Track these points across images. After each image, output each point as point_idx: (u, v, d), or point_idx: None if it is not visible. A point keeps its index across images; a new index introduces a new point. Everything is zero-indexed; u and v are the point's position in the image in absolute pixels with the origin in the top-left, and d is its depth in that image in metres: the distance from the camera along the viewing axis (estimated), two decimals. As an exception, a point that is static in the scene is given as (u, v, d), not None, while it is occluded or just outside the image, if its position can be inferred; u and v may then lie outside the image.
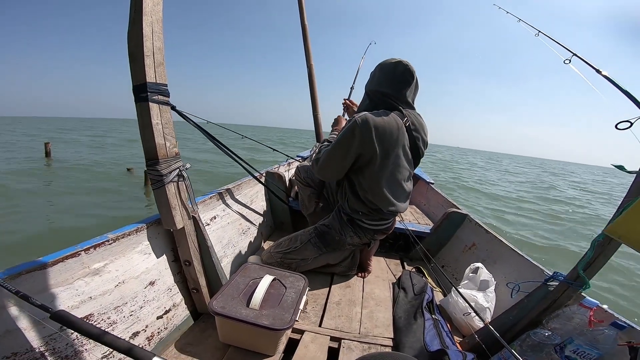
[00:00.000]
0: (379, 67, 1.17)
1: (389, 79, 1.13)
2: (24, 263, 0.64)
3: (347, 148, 1.07)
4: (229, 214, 1.38)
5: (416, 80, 1.15)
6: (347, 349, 0.96)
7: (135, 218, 0.94)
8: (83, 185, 6.11)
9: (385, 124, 1.06)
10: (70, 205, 4.75)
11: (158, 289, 0.91)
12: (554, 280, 0.86)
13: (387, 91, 1.13)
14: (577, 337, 0.77)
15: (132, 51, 0.74)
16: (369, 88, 1.20)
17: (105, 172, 7.58)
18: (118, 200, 5.27)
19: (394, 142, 1.08)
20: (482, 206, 7.49)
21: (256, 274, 1.04)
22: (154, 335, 0.87)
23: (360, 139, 1.04)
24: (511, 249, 1.29)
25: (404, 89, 1.13)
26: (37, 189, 5.62)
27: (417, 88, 1.18)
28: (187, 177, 0.89)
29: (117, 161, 9.50)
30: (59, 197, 5.24)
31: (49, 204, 4.78)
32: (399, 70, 1.12)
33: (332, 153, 1.11)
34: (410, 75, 1.12)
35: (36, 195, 5.26)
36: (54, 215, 4.30)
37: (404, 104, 1.15)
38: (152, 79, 0.76)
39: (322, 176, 1.21)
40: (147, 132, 0.78)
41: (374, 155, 1.07)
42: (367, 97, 1.21)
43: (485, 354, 0.87)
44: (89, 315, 0.71)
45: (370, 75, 1.21)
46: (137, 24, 0.72)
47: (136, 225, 0.87)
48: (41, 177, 6.73)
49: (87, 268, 0.73)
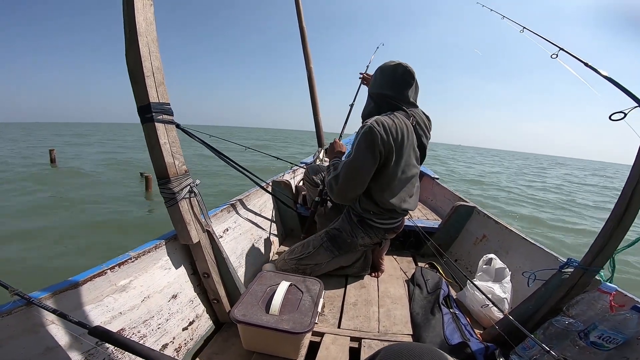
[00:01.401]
0: (379, 70, 1.20)
1: (390, 81, 1.16)
2: (55, 284, 0.67)
3: (372, 151, 1.06)
4: (240, 225, 1.41)
5: (416, 80, 1.18)
6: (367, 347, 0.97)
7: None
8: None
9: (396, 125, 1.08)
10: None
11: (181, 302, 0.94)
12: (569, 267, 0.85)
13: (389, 93, 1.17)
14: (600, 323, 0.76)
15: (133, 72, 0.75)
16: (371, 91, 1.24)
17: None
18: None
19: (405, 142, 1.11)
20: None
21: (272, 281, 1.06)
22: (181, 347, 0.90)
23: (380, 140, 1.05)
24: (522, 238, 1.28)
25: (406, 90, 1.16)
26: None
27: (418, 87, 1.21)
28: (198, 192, 0.92)
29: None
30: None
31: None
32: (399, 73, 1.15)
33: (357, 164, 1.08)
34: (410, 76, 1.15)
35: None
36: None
37: (407, 104, 1.18)
38: (155, 99, 0.78)
39: (347, 193, 1.13)
40: (155, 151, 0.80)
41: (390, 156, 1.09)
42: (371, 100, 1.24)
43: (508, 344, 0.87)
44: (120, 329, 0.74)
45: (372, 77, 1.24)
46: (133, 45, 0.73)
47: (155, 242, 0.91)
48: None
49: (114, 285, 0.77)
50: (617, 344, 0.73)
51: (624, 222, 0.76)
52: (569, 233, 5.56)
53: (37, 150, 12.63)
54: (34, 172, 7.82)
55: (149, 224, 4.52)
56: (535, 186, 12.70)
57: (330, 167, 1.24)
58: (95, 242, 3.64)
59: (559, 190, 12.18)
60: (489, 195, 8.84)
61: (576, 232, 5.64)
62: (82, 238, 3.77)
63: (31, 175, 7.46)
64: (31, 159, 10.45)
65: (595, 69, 0.86)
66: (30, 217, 4.40)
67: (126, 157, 11.68)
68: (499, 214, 6.16)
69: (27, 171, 7.97)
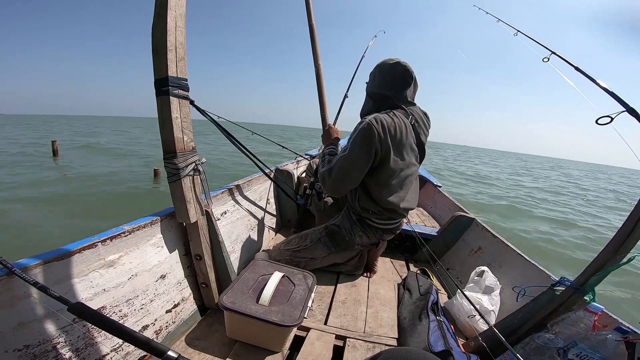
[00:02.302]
0: (377, 68, 1.18)
1: (388, 80, 1.16)
2: (43, 253, 0.64)
3: (367, 149, 1.05)
4: (238, 210, 1.39)
5: (415, 79, 1.17)
6: (352, 347, 0.97)
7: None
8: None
9: (395, 124, 1.08)
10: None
11: (168, 283, 0.92)
12: (561, 286, 0.87)
13: (388, 93, 1.16)
14: (580, 341, 0.79)
15: (156, 44, 0.75)
16: (370, 90, 1.22)
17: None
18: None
19: (404, 141, 1.11)
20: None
21: (265, 270, 1.05)
22: (162, 329, 0.87)
23: (378, 137, 1.05)
24: (518, 254, 1.30)
25: (405, 90, 1.16)
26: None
27: (417, 86, 1.20)
28: (202, 171, 0.90)
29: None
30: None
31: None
32: (398, 72, 1.14)
33: (352, 161, 1.07)
34: (409, 75, 1.14)
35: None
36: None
37: (406, 103, 1.17)
38: (174, 73, 0.77)
39: (339, 187, 1.12)
40: (166, 125, 0.79)
41: (388, 154, 1.09)
42: (370, 99, 1.23)
43: (489, 356, 0.89)
44: (101, 307, 0.72)
45: (370, 76, 1.23)
46: (162, 17, 0.73)
47: (151, 218, 0.88)
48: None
49: (103, 260, 0.74)
50: (593, 363, 0.76)
51: (623, 248, 0.77)
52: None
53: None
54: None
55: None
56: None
57: (325, 158, 1.20)
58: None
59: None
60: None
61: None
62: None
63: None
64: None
65: (585, 73, 0.88)
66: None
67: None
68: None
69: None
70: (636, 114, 0.75)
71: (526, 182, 14.23)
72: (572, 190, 13.16)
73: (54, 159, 8.88)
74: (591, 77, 0.88)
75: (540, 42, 1.09)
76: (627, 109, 0.76)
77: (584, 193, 12.80)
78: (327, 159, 1.17)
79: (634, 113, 0.75)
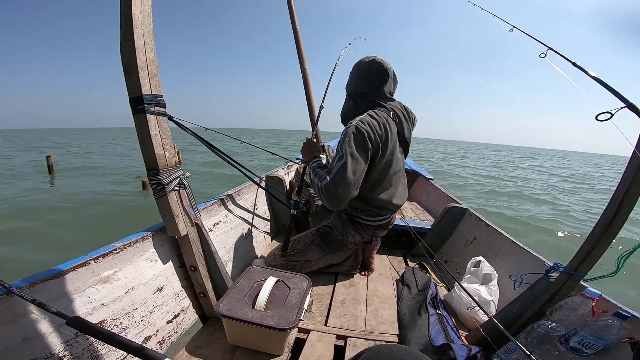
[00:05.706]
0: (355, 67, 1.19)
1: (365, 78, 1.16)
2: (37, 273, 0.66)
3: (364, 150, 1.04)
4: (231, 219, 1.41)
5: (393, 74, 1.16)
6: (353, 346, 0.97)
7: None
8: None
9: (378, 122, 1.08)
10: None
11: (166, 294, 0.94)
12: (555, 272, 0.86)
13: (365, 91, 1.16)
14: (581, 328, 0.77)
15: (126, 63, 0.75)
16: (349, 90, 1.23)
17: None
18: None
19: (389, 138, 1.11)
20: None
21: (260, 276, 1.06)
22: (165, 339, 0.90)
23: (368, 137, 1.05)
24: (512, 241, 1.29)
25: (382, 86, 1.15)
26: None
27: (396, 81, 1.20)
28: (187, 185, 0.91)
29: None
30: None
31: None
32: (374, 69, 1.14)
33: (352, 166, 1.01)
34: (385, 72, 1.14)
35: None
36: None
37: (384, 99, 1.17)
38: (148, 91, 0.78)
39: (346, 196, 1.02)
40: (146, 143, 0.80)
41: (377, 153, 1.09)
42: (350, 99, 1.23)
43: (491, 347, 0.88)
44: (102, 321, 0.74)
45: (349, 75, 1.23)
46: (128, 37, 0.73)
47: (141, 234, 0.90)
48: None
49: (98, 276, 0.76)
50: (596, 349, 0.74)
51: (611, 228, 0.76)
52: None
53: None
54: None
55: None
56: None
57: (317, 172, 1.11)
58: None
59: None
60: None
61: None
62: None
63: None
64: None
65: (583, 69, 0.86)
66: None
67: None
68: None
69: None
70: (636, 110, 0.72)
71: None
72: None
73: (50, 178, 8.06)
74: (593, 76, 0.85)
75: (536, 37, 1.05)
76: (627, 104, 0.73)
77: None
78: (320, 173, 1.09)
79: (634, 108, 0.73)
